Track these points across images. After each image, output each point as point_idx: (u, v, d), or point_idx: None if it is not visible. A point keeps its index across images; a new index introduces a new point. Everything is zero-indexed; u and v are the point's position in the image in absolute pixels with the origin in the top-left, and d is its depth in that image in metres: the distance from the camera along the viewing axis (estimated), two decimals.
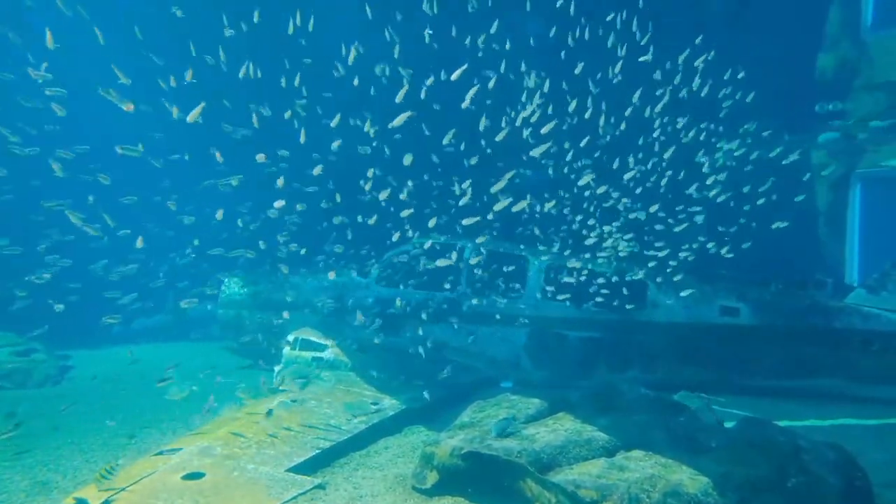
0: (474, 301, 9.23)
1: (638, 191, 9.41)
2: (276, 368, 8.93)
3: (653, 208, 9.33)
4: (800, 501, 4.54)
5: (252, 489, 5.23)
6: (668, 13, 10.32)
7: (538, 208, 9.58)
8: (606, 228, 9.09)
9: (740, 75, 9.58)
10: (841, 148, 11.80)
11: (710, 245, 9.08)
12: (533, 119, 8.56)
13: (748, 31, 11.40)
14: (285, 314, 9.60)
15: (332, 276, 10.01)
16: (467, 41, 9.36)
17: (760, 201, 9.55)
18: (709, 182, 9.29)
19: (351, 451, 6.55)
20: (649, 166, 9.72)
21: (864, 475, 4.84)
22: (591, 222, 9.23)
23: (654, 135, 9.60)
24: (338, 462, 6.28)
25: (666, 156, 9.12)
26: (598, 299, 8.83)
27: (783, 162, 10.08)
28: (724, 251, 8.88)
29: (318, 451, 6.14)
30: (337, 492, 5.57)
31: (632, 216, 9.07)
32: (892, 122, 11.21)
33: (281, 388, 8.02)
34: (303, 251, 9.06)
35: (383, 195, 7.69)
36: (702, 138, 9.97)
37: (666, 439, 5.40)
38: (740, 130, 10.85)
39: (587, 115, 8.94)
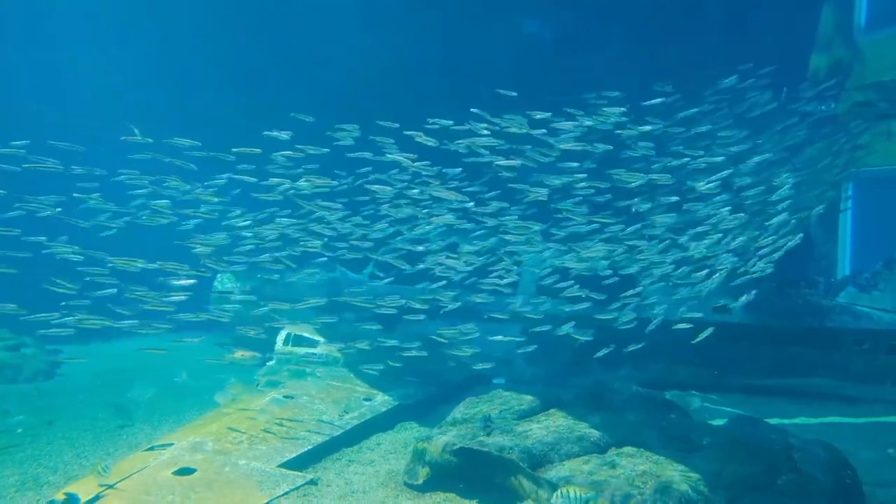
0: (468, 298, 9.21)
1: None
2: (268, 364, 8.90)
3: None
4: (790, 499, 4.56)
5: (244, 485, 5.21)
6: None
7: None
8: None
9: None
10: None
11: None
12: None
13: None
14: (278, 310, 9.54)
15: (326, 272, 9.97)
16: None
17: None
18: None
19: (343, 446, 6.54)
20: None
21: (854, 474, 4.87)
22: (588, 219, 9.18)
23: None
24: (330, 458, 6.27)
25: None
26: (592, 297, 8.82)
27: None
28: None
29: (309, 447, 6.13)
30: (329, 487, 5.56)
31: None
32: None
33: (267, 383, 7.98)
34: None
35: None
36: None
37: (658, 437, 5.41)
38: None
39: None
